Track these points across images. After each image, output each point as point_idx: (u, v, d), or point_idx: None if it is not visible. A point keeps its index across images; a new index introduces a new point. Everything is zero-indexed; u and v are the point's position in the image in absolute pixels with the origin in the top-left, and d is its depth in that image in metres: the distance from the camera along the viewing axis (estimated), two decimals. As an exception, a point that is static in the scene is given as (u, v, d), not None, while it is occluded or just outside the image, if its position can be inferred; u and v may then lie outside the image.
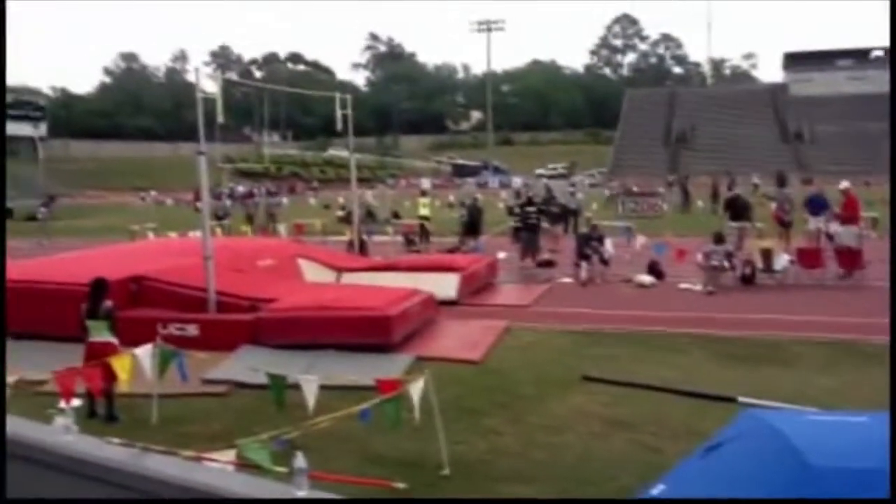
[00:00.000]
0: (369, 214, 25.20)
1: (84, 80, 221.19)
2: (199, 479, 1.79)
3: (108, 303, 8.24)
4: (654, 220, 29.68)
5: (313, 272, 14.53)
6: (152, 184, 64.18)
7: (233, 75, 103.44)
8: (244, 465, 4.87)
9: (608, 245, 16.89)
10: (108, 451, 1.92)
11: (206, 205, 12.15)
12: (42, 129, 79.46)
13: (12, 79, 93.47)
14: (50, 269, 13.27)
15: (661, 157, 76.66)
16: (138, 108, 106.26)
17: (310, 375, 7.17)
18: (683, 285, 15.29)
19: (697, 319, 12.27)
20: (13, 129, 76.91)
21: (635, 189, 41.48)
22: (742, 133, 77.11)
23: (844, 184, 17.83)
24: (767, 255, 15.40)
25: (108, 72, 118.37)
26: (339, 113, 15.95)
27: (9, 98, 79.55)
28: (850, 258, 15.26)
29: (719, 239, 15.45)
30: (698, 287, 14.89)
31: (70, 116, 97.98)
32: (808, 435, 3.57)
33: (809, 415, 5.76)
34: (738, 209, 18.41)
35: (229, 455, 5.07)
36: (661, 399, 8.23)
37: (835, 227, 16.86)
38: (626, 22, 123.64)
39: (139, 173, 73.76)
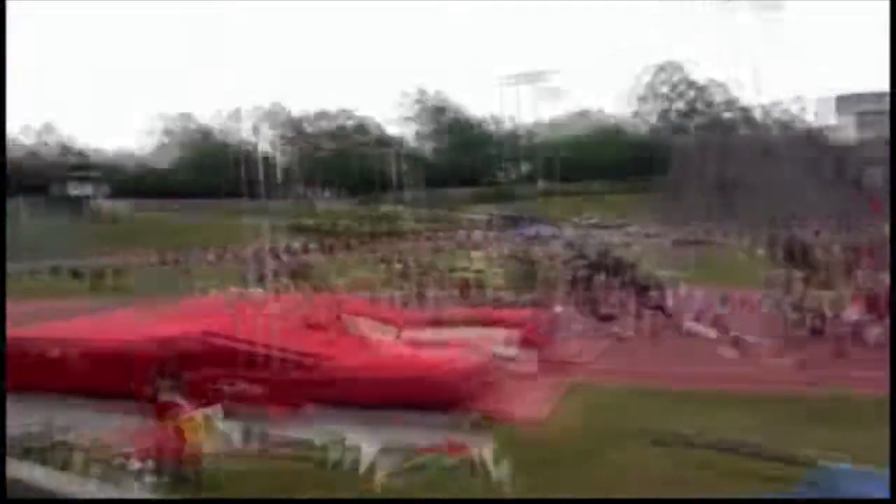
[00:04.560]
0: (424, 269, 25.27)
1: (142, 140, 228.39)
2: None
3: (173, 365, 8.36)
4: (713, 270, 29.04)
5: (373, 329, 14.52)
6: (208, 241, 65.34)
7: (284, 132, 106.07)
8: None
9: (669, 297, 16.59)
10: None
11: (269, 263, 12.31)
12: (103, 188, 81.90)
13: (78, 142, 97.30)
14: (118, 326, 13.53)
15: (712, 205, 75.61)
16: (195, 167, 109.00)
17: (371, 436, 7.13)
18: (749, 338, 14.86)
19: (766, 375, 11.90)
20: (75, 189, 79.70)
21: (690, 238, 40.93)
22: (796, 179, 75.66)
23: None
24: (837, 305, 14.95)
25: (167, 132, 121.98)
26: (391, 168, 16.13)
27: (71, 160, 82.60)
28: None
29: (785, 289, 15.08)
30: (765, 340, 14.44)
31: (129, 175, 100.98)
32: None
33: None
34: (799, 257, 18.02)
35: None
36: (732, 458, 7.94)
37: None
38: (672, 69, 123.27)
39: (195, 231, 75.20)
